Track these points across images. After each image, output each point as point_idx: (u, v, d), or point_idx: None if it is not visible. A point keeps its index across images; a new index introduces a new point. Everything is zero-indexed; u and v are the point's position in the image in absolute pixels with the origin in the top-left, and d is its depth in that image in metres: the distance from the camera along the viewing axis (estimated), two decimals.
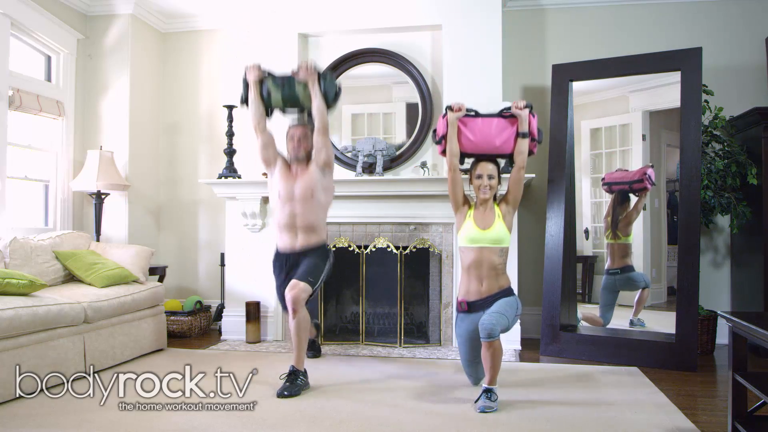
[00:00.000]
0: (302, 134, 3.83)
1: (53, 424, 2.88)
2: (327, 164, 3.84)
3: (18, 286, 3.53)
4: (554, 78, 4.88)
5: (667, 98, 4.57)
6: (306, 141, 3.83)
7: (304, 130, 3.83)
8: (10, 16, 4.67)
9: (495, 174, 3.52)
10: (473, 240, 3.47)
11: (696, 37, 4.90)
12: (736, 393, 2.64)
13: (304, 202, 3.77)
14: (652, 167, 4.58)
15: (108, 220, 5.33)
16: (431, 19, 4.97)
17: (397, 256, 4.80)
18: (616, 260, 4.74)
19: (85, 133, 5.53)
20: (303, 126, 3.87)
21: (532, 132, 3.54)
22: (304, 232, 3.80)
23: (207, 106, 5.81)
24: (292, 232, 3.81)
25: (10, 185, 4.80)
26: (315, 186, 3.77)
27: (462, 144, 3.58)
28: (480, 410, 3.11)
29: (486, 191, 3.49)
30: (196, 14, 5.76)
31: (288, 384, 3.48)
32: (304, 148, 3.83)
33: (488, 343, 3.21)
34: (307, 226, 3.79)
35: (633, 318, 4.61)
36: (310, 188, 3.76)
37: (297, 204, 3.77)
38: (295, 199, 3.77)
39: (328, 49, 5.23)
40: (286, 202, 3.79)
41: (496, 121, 3.56)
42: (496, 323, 3.20)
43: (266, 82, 3.87)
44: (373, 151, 4.96)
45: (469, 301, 3.49)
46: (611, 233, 4.75)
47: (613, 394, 3.51)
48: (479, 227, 3.48)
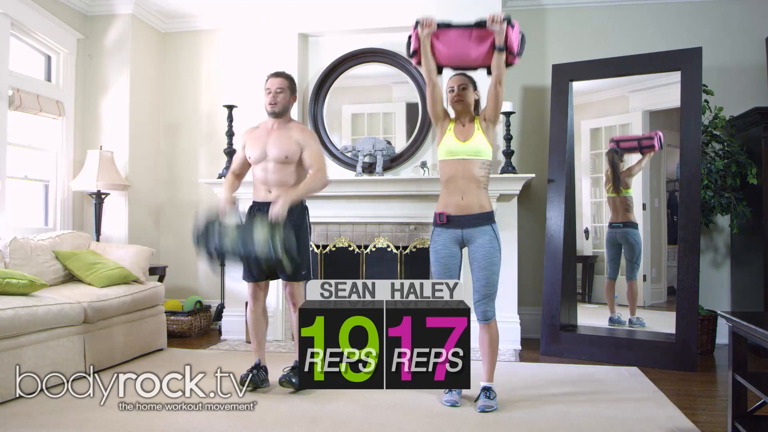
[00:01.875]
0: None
1: (53, 424, 2.88)
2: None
3: (18, 286, 3.53)
4: (554, 78, 4.88)
5: (667, 98, 4.57)
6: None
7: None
8: (10, 16, 4.67)
9: (467, 84, 3.36)
10: (452, 152, 3.29)
11: (696, 36, 4.90)
12: (736, 393, 2.64)
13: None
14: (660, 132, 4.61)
15: (108, 220, 5.33)
16: None
17: (397, 256, 4.80)
18: (619, 214, 4.72)
19: (85, 133, 5.53)
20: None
21: (510, 46, 3.27)
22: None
23: (207, 106, 5.81)
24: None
25: (10, 185, 4.79)
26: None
27: (436, 57, 3.36)
28: (480, 410, 3.10)
29: (458, 103, 3.33)
30: (196, 14, 5.76)
31: (292, 373, 3.50)
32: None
33: (485, 325, 3.21)
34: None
35: (631, 317, 4.61)
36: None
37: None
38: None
39: (328, 48, 5.23)
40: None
41: (472, 32, 3.32)
42: (489, 296, 3.21)
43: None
44: (373, 150, 4.97)
45: (448, 215, 3.27)
46: (612, 187, 4.73)
47: (613, 394, 3.51)
48: (459, 139, 3.30)
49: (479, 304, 3.23)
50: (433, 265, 3.36)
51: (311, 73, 5.26)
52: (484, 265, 3.22)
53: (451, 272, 3.31)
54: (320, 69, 5.20)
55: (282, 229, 3.28)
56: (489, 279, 3.22)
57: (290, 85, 3.65)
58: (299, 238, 3.53)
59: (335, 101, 5.22)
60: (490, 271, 3.22)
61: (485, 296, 3.22)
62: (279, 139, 3.59)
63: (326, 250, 4.97)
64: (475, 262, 3.26)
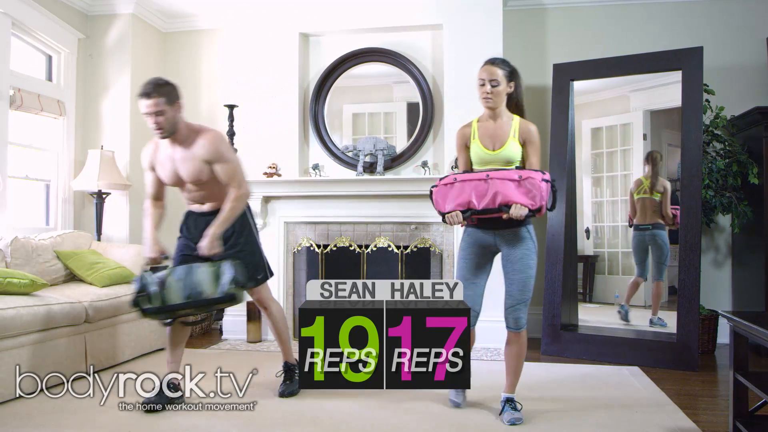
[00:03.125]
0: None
1: (53, 424, 2.88)
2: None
3: (19, 285, 3.53)
4: (555, 77, 4.87)
5: (668, 98, 4.56)
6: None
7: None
8: (11, 16, 4.67)
9: (500, 79, 2.97)
10: (483, 162, 3.01)
11: (697, 36, 4.89)
12: (737, 392, 2.64)
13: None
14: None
15: (109, 219, 5.33)
16: (432, 19, 4.97)
17: (398, 255, 4.80)
18: (647, 216, 4.65)
19: (86, 133, 5.53)
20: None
21: (542, 205, 2.85)
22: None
23: (208, 106, 5.80)
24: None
25: (11, 185, 4.80)
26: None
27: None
28: (509, 423, 2.93)
29: (489, 99, 2.98)
30: (196, 14, 5.76)
31: (288, 382, 3.47)
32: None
33: (515, 334, 3.02)
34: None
35: (652, 317, 4.59)
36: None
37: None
38: None
39: (328, 48, 5.23)
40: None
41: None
42: (523, 301, 2.98)
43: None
44: (374, 150, 4.96)
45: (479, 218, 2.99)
46: (648, 187, 4.65)
47: (614, 393, 3.51)
48: (487, 148, 3.01)
49: (512, 310, 3.00)
50: (460, 261, 3.12)
51: (312, 73, 5.26)
52: (520, 268, 2.98)
53: (480, 266, 3.08)
54: (321, 69, 5.20)
55: (223, 262, 3.04)
56: (524, 283, 2.98)
57: (168, 99, 3.10)
58: (247, 243, 3.35)
59: (336, 101, 5.21)
60: (526, 275, 2.98)
61: (520, 301, 2.99)
62: (184, 163, 3.21)
63: (327, 249, 4.97)
64: (509, 264, 3.01)
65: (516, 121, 3.04)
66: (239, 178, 3.26)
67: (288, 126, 5.09)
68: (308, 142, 5.24)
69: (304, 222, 5.04)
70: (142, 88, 3.08)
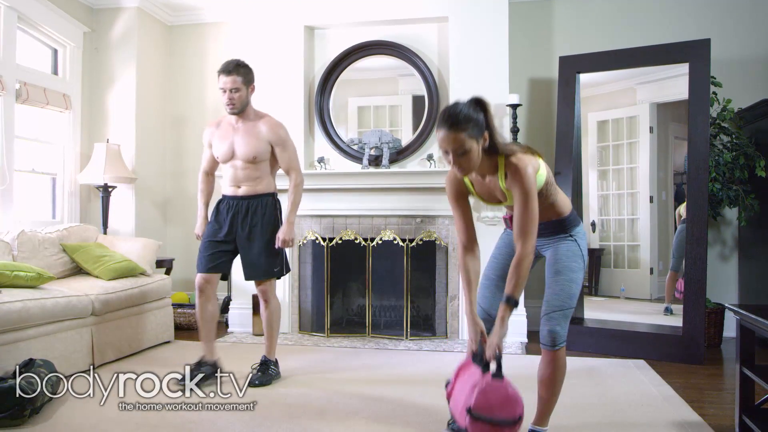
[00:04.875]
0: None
1: (53, 424, 2.88)
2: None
3: (26, 278, 3.55)
4: (561, 70, 4.85)
5: (674, 90, 4.54)
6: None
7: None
8: (17, 10, 4.68)
9: (465, 145, 2.26)
10: (496, 207, 2.77)
11: (704, 28, 4.86)
12: (744, 386, 2.64)
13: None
14: None
15: (115, 212, 5.35)
16: (438, 11, 4.95)
17: (404, 248, 4.80)
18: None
19: (92, 126, 5.54)
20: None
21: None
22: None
23: (213, 99, 5.80)
24: None
25: (18, 178, 4.81)
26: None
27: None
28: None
29: (460, 171, 2.33)
30: (201, 7, 5.76)
31: (259, 373, 3.53)
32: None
33: (550, 353, 2.50)
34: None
35: (668, 305, 4.58)
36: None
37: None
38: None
39: (334, 41, 5.22)
40: None
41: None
42: (560, 309, 2.46)
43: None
44: (380, 143, 4.96)
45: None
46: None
47: (620, 386, 3.51)
48: (486, 201, 2.58)
49: (546, 319, 2.48)
50: (488, 260, 2.75)
51: (317, 66, 5.25)
52: (560, 269, 2.51)
53: (499, 276, 2.67)
54: (326, 62, 5.19)
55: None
56: (565, 287, 2.47)
57: (245, 80, 3.42)
58: (273, 235, 3.53)
59: (341, 94, 5.21)
60: (568, 278, 2.49)
61: (555, 308, 2.46)
62: (246, 138, 3.48)
63: (332, 242, 4.97)
64: (549, 267, 2.57)
65: (500, 164, 2.40)
66: (297, 166, 3.60)
67: (293, 119, 5.08)
68: (313, 135, 5.24)
69: (310, 215, 5.04)
70: (224, 65, 3.41)
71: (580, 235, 2.58)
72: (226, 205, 3.55)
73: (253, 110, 3.55)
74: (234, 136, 3.49)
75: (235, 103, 3.40)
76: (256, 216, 3.50)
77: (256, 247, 3.50)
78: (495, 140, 2.35)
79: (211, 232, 3.55)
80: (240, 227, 3.51)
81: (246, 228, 3.50)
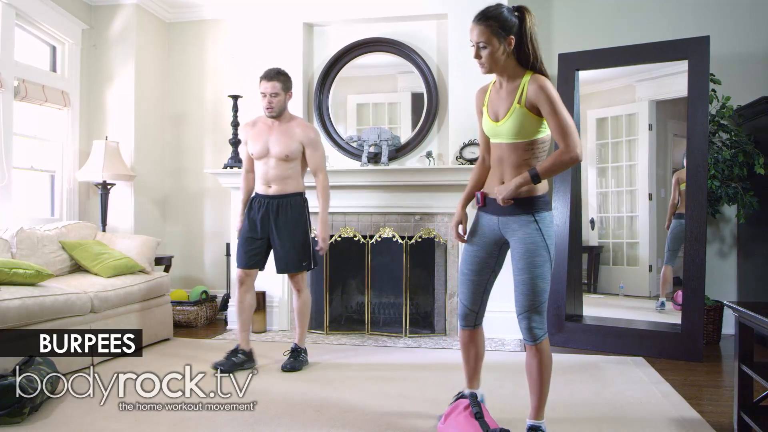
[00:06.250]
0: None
1: (53, 424, 2.87)
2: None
3: (25, 276, 3.54)
4: (560, 67, 4.84)
5: (674, 88, 4.54)
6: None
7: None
8: (15, 7, 4.67)
9: (485, 39, 2.42)
10: (491, 134, 2.57)
11: (703, 25, 4.86)
12: (742, 383, 2.64)
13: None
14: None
15: (114, 210, 5.34)
16: (437, 8, 4.94)
17: (403, 246, 4.80)
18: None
19: (91, 124, 5.54)
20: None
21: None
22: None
23: (212, 96, 5.80)
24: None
25: (17, 175, 4.80)
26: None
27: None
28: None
29: (481, 66, 2.49)
30: (200, 4, 5.75)
31: (291, 359, 3.81)
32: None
33: (532, 348, 2.49)
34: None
35: (663, 299, 4.59)
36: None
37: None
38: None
39: (333, 38, 5.21)
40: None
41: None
42: (533, 308, 2.46)
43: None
44: (379, 140, 4.95)
45: (487, 197, 2.60)
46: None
47: (618, 383, 3.51)
48: (491, 118, 2.56)
49: (521, 318, 2.49)
50: (463, 257, 2.72)
51: (316, 63, 5.25)
52: (524, 267, 2.47)
53: (473, 270, 2.65)
54: (325, 59, 5.19)
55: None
56: (531, 285, 2.46)
57: (284, 86, 3.74)
58: (303, 232, 3.84)
59: (340, 91, 5.20)
60: (532, 275, 2.46)
61: (527, 308, 2.46)
62: (281, 137, 3.76)
63: (331, 240, 4.96)
64: (513, 261, 2.52)
65: (524, 81, 2.45)
66: (324, 167, 3.91)
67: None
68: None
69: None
70: (266, 72, 3.74)
71: (546, 222, 2.50)
72: (258, 203, 3.83)
73: (290, 115, 3.86)
74: (269, 136, 3.77)
75: (273, 106, 3.71)
76: (286, 214, 3.78)
77: (286, 243, 3.78)
78: (525, 50, 2.45)
79: (248, 229, 3.84)
80: (273, 224, 3.79)
81: (277, 225, 3.78)
